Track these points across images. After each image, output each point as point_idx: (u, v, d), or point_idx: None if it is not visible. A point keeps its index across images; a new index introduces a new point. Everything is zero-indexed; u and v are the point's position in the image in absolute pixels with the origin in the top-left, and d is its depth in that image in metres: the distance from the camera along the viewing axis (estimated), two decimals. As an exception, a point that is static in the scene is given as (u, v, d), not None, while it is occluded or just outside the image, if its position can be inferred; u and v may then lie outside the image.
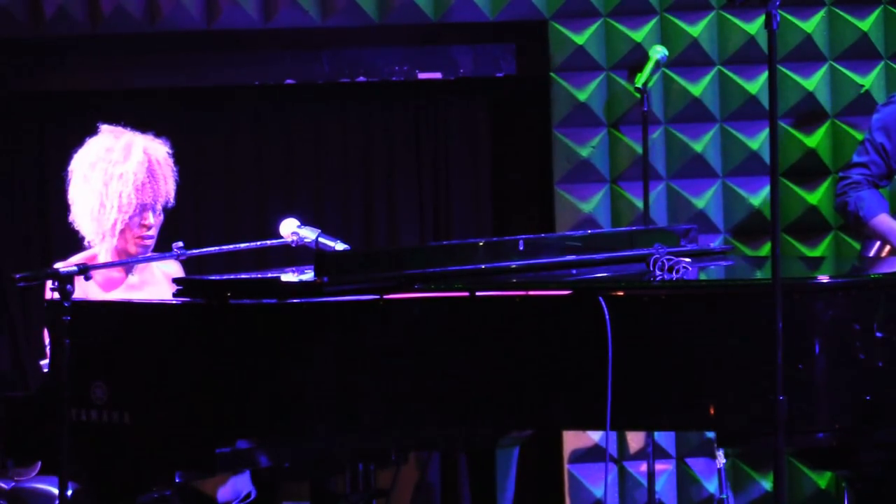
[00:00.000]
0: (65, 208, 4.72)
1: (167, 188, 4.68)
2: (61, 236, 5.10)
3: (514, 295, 3.94)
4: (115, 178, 4.59)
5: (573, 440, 6.06)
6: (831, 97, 6.03)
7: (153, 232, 4.68)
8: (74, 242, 4.78)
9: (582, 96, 6.05)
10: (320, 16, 6.05)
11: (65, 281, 3.91)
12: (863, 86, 5.99)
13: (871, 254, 5.48)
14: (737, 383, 3.81)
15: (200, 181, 6.21)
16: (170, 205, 4.71)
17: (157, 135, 4.78)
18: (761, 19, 5.63)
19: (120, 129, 4.73)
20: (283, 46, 6.23)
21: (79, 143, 4.74)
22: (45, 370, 4.55)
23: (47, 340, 4.52)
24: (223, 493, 4.70)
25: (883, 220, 5.44)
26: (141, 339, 4.06)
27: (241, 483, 4.75)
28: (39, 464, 4.41)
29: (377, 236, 6.37)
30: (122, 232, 4.62)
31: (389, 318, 3.95)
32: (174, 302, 4.13)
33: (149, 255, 4.65)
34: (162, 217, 4.71)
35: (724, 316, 3.85)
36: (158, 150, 4.71)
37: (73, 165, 4.68)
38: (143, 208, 4.62)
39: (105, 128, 4.73)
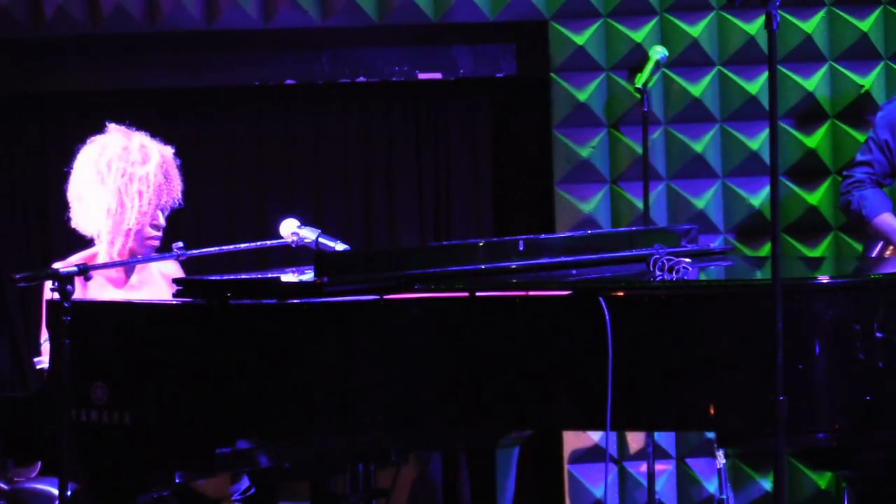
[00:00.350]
0: (65, 208, 4.72)
1: (178, 189, 4.70)
2: (61, 236, 5.09)
3: (514, 295, 3.94)
4: (136, 178, 4.60)
5: (573, 440, 6.06)
6: (831, 97, 6.03)
7: (161, 233, 4.69)
8: (75, 242, 4.78)
9: (582, 97, 6.05)
10: (320, 16, 6.05)
11: (65, 281, 3.91)
12: (863, 86, 5.99)
13: (874, 254, 5.48)
14: (737, 383, 3.81)
15: (200, 181, 6.20)
16: (177, 205, 4.72)
17: (155, 134, 4.78)
18: (761, 19, 5.63)
19: (125, 128, 4.73)
20: (283, 46, 6.23)
21: (79, 143, 4.73)
22: (38, 366, 4.59)
23: (43, 338, 4.53)
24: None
25: (885, 219, 5.44)
26: (141, 339, 4.06)
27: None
28: (39, 464, 4.41)
29: (377, 236, 6.36)
30: (137, 233, 4.63)
31: (389, 319, 3.95)
32: (174, 302, 4.13)
33: (149, 255, 4.65)
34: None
35: (724, 316, 3.85)
36: (167, 151, 4.73)
37: (84, 164, 4.65)
38: (156, 209, 4.64)
39: (113, 127, 4.72)
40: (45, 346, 4.55)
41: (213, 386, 3.96)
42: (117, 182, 4.59)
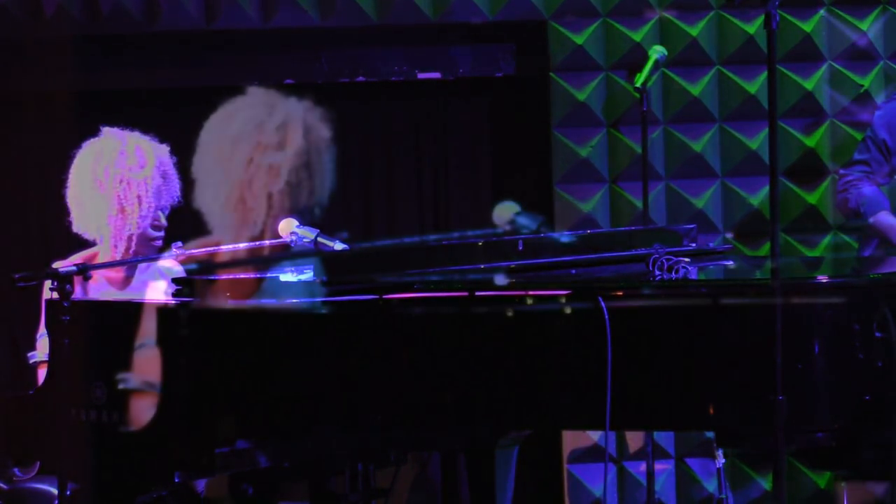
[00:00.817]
0: (65, 209, 4.71)
1: (177, 188, 4.71)
2: (61, 236, 5.09)
3: (513, 294, 3.94)
4: (134, 184, 4.59)
5: (573, 440, 6.06)
6: (830, 97, 6.03)
7: (163, 233, 4.69)
8: (75, 242, 4.78)
9: (581, 96, 6.05)
10: (320, 16, 6.05)
11: (64, 280, 3.91)
12: (862, 86, 5.99)
13: (869, 253, 5.49)
14: (736, 383, 3.80)
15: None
16: (178, 204, 4.73)
17: (154, 134, 4.78)
18: (761, 19, 5.61)
19: (119, 130, 4.72)
20: (282, 46, 6.23)
21: (79, 143, 4.72)
22: (31, 361, 4.63)
23: (38, 334, 4.54)
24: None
25: (884, 217, 5.45)
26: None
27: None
28: (39, 464, 4.40)
29: (376, 236, 6.36)
30: (140, 235, 4.63)
31: (388, 318, 3.95)
32: (173, 302, 4.13)
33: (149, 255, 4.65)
34: (165, 218, 4.73)
35: (723, 316, 3.84)
36: (163, 150, 4.72)
37: (80, 171, 4.63)
38: (156, 210, 4.64)
39: (107, 130, 4.71)
40: (41, 342, 4.56)
41: (212, 386, 3.96)
42: (116, 189, 4.59)
